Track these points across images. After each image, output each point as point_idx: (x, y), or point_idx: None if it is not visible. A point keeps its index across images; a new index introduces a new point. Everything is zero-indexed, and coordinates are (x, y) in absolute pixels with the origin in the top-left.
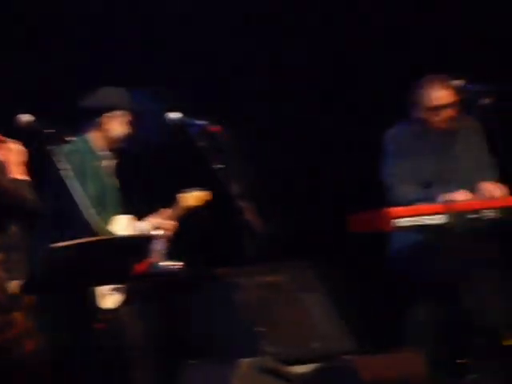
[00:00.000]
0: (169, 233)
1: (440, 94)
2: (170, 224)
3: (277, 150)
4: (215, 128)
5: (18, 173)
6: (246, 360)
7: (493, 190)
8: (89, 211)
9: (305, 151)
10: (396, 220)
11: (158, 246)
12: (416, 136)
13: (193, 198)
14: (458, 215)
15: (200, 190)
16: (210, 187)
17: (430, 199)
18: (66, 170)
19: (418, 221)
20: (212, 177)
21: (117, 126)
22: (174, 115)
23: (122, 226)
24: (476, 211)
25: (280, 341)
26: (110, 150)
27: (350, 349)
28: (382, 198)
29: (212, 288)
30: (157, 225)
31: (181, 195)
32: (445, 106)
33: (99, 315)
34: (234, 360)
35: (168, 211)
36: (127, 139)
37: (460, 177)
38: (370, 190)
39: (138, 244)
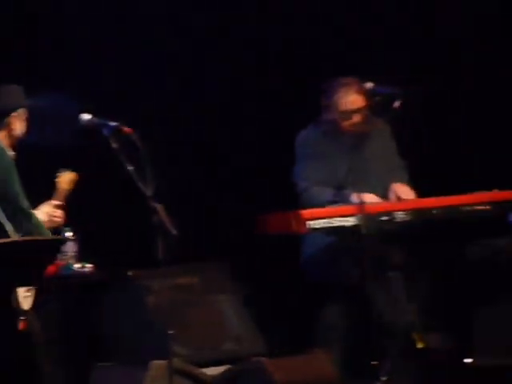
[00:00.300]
0: (59, 221)
1: (351, 99)
2: (59, 212)
3: (186, 151)
4: (128, 129)
5: None
6: (158, 362)
7: (403, 192)
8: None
9: (217, 152)
10: (308, 222)
11: (70, 248)
12: (328, 138)
13: (63, 179)
14: (370, 217)
15: (69, 170)
16: (123, 188)
17: (342, 201)
18: None
19: (330, 222)
20: (125, 178)
21: (20, 124)
22: (86, 116)
23: None
24: (387, 213)
25: (191, 342)
26: (13, 149)
27: (262, 351)
28: (294, 199)
29: (123, 290)
30: (48, 213)
31: (56, 179)
32: (356, 111)
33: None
34: (145, 362)
35: (55, 199)
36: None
37: (372, 179)
38: (281, 191)
39: (50, 246)
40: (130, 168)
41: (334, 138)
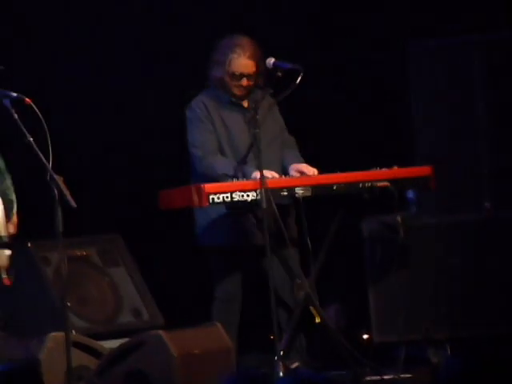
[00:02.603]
0: None
1: (244, 62)
2: None
3: (86, 125)
4: (28, 100)
5: None
6: (55, 334)
7: (307, 169)
8: None
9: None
10: (210, 196)
11: None
12: (222, 107)
13: None
14: (271, 192)
15: None
16: (23, 159)
17: (243, 176)
18: None
19: (231, 197)
20: (26, 150)
21: None
22: None
23: None
24: (288, 188)
25: (89, 315)
26: None
27: (159, 323)
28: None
29: (21, 261)
30: None
31: None
32: (245, 75)
33: None
34: (42, 333)
35: None
36: None
37: (267, 155)
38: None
39: None
40: (30, 139)
41: (229, 108)
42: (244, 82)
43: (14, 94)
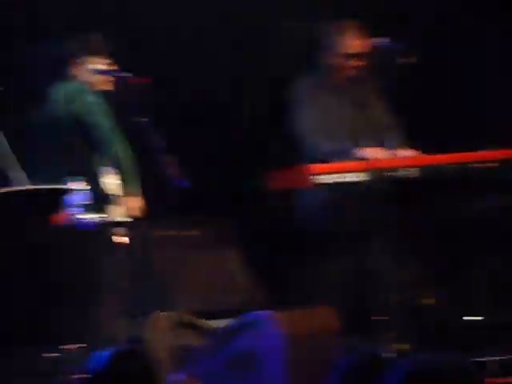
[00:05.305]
0: None
1: (354, 42)
2: None
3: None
4: (138, 80)
5: None
6: (162, 313)
7: (406, 151)
8: None
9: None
10: (315, 176)
11: (78, 199)
12: (329, 88)
13: None
14: (379, 173)
15: None
16: (132, 139)
17: (345, 154)
18: None
19: (337, 178)
20: (134, 129)
21: None
22: (102, 67)
23: None
24: (395, 170)
25: (196, 295)
26: None
27: (266, 303)
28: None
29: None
30: None
31: None
32: (356, 55)
33: None
34: (149, 313)
35: None
36: None
37: (372, 134)
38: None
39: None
40: (139, 119)
41: (335, 89)
42: (355, 62)
43: (124, 74)
